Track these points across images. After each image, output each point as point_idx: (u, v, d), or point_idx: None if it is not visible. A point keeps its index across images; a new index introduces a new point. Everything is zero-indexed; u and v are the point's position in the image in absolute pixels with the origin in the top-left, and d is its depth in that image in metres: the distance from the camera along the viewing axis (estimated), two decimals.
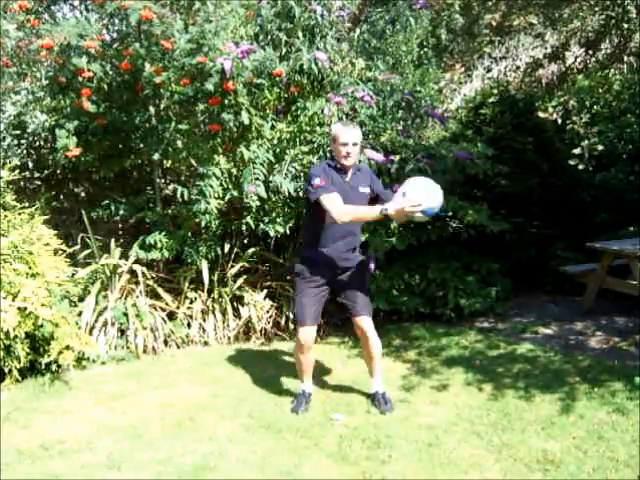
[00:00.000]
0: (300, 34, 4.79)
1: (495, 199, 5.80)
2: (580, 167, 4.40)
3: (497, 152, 5.43)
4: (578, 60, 5.44)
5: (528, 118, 6.33)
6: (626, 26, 4.57)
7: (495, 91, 6.77)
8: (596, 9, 4.68)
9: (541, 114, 6.95)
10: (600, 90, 7.04)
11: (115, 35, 4.66)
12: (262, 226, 4.71)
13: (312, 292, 3.50)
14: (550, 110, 7.20)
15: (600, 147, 4.45)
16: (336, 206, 3.30)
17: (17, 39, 4.55)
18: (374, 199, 3.53)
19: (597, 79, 6.92)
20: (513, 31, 5.18)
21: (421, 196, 3.12)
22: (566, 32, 5.09)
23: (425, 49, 5.69)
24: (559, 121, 6.95)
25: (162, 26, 4.25)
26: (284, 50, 4.80)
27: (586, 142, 4.37)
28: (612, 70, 6.24)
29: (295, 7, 4.70)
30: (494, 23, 4.93)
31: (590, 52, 5.31)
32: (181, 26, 4.30)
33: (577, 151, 4.41)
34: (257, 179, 4.50)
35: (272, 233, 4.72)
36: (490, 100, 6.68)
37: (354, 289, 3.54)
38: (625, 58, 5.17)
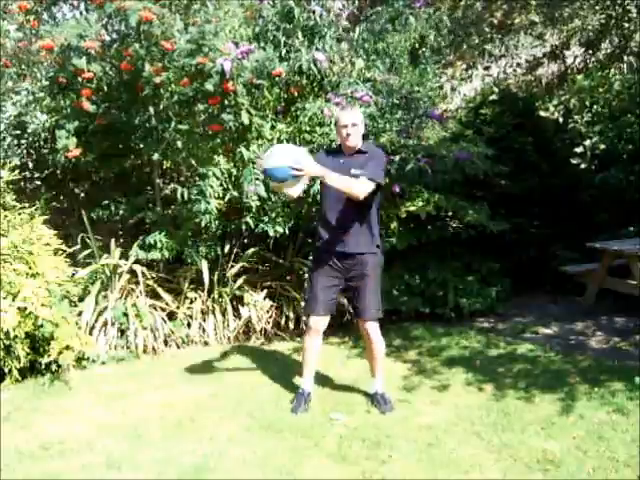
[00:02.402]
0: (300, 34, 4.79)
1: (495, 199, 5.80)
2: (582, 166, 4.42)
3: (497, 152, 5.43)
4: (578, 60, 5.44)
5: (528, 118, 6.33)
6: (626, 26, 4.58)
7: (495, 90, 6.77)
8: (596, 8, 4.70)
9: (542, 113, 6.95)
10: (600, 90, 7.04)
11: (115, 36, 4.65)
12: (262, 226, 4.71)
13: (324, 279, 3.52)
14: (551, 109, 7.20)
15: (602, 146, 4.46)
16: None
17: (17, 40, 4.55)
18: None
19: (597, 79, 6.91)
20: (513, 30, 5.18)
21: (264, 159, 3.26)
22: (566, 31, 5.10)
23: (423, 48, 5.67)
24: (560, 120, 6.96)
25: (162, 27, 4.25)
26: (283, 50, 4.80)
27: (588, 141, 4.38)
28: (612, 70, 6.25)
29: (295, 8, 4.70)
30: (496, 21, 4.94)
31: (590, 52, 5.31)
32: (181, 26, 4.30)
33: (579, 150, 4.42)
34: (257, 179, 4.50)
35: (272, 233, 4.72)
36: (490, 99, 6.67)
37: (360, 289, 3.50)
38: (625, 58, 5.17)
